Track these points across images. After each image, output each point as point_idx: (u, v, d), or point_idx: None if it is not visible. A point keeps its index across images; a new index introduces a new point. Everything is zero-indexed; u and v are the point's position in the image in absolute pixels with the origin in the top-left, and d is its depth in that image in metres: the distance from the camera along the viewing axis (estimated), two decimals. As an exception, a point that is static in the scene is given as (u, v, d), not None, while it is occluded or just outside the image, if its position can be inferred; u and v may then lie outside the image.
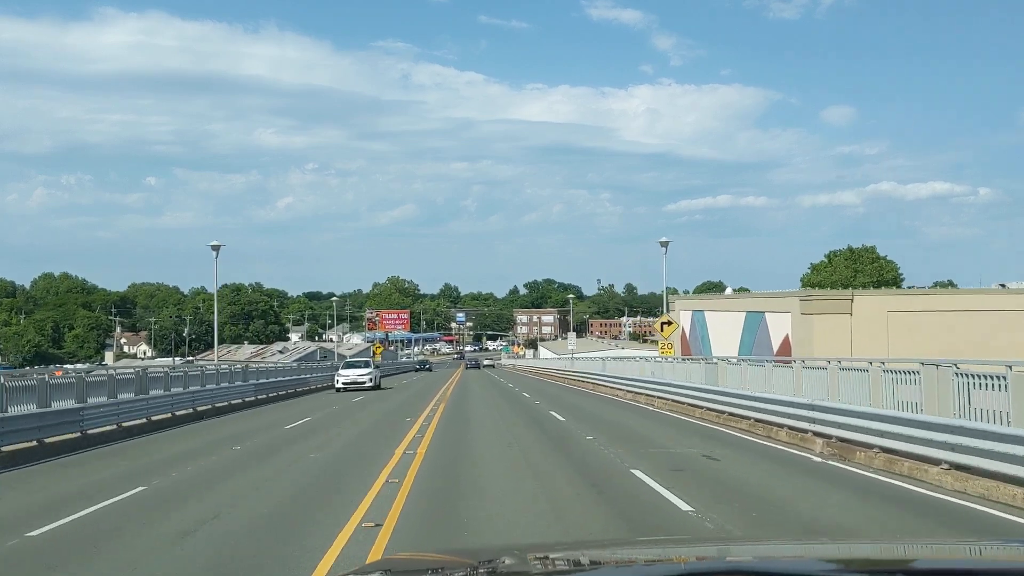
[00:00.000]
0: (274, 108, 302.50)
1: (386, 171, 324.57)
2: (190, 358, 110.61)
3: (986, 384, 12.50)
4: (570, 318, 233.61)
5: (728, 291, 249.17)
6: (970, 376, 12.91)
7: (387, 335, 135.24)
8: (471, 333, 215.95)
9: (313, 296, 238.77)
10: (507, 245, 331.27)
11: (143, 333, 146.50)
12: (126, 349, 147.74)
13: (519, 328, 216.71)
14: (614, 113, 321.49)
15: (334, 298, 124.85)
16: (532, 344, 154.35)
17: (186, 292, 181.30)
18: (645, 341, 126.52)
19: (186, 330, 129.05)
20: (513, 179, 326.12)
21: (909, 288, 64.92)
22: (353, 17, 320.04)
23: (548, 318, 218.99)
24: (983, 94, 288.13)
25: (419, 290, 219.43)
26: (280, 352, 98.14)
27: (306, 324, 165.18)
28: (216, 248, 42.02)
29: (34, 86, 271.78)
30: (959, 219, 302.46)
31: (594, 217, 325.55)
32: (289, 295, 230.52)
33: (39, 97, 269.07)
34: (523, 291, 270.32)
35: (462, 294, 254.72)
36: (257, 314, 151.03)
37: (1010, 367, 12.31)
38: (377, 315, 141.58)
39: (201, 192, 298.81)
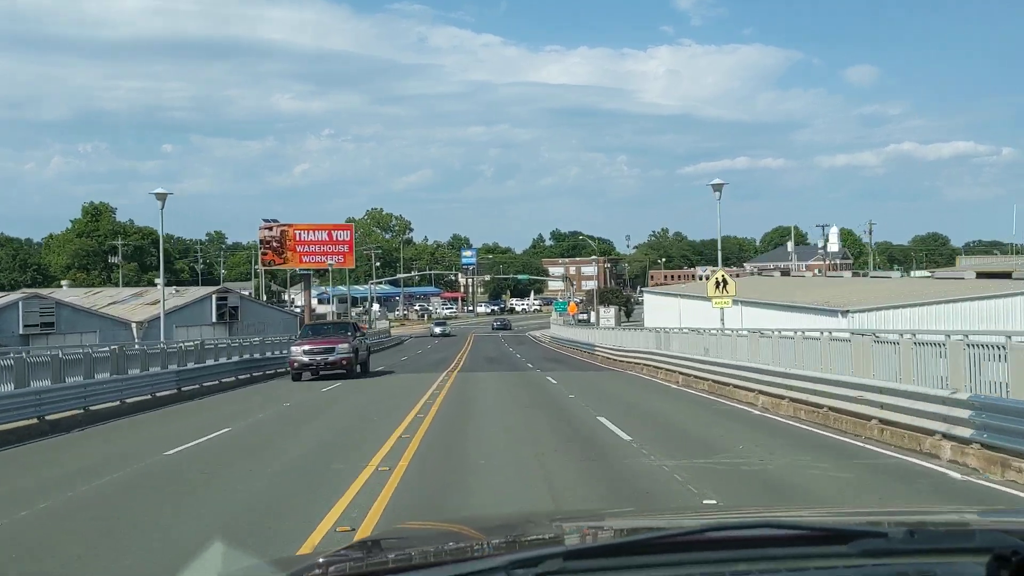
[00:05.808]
0: (291, 73, 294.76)
1: (403, 136, 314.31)
2: None
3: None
4: (626, 265, 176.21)
5: (834, 231, 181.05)
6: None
7: (307, 277, 69.47)
8: (483, 285, 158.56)
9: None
10: (523, 208, 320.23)
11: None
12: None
13: (550, 283, 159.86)
14: (633, 75, 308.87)
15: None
16: (606, 300, 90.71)
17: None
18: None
19: None
20: (530, 142, 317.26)
21: None
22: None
23: (589, 269, 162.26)
24: (1010, 48, 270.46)
25: (412, 232, 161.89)
26: None
27: (223, 269, 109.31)
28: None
29: (50, 52, 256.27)
30: (979, 179, 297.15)
31: (610, 180, 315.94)
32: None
33: (55, 64, 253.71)
34: (549, 241, 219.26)
35: (475, 247, 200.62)
36: (129, 252, 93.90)
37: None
38: (280, 232, 64.50)
39: (217, 159, 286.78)
